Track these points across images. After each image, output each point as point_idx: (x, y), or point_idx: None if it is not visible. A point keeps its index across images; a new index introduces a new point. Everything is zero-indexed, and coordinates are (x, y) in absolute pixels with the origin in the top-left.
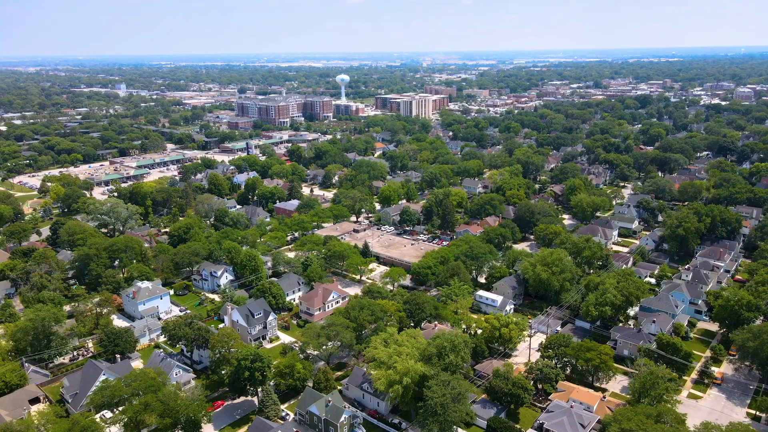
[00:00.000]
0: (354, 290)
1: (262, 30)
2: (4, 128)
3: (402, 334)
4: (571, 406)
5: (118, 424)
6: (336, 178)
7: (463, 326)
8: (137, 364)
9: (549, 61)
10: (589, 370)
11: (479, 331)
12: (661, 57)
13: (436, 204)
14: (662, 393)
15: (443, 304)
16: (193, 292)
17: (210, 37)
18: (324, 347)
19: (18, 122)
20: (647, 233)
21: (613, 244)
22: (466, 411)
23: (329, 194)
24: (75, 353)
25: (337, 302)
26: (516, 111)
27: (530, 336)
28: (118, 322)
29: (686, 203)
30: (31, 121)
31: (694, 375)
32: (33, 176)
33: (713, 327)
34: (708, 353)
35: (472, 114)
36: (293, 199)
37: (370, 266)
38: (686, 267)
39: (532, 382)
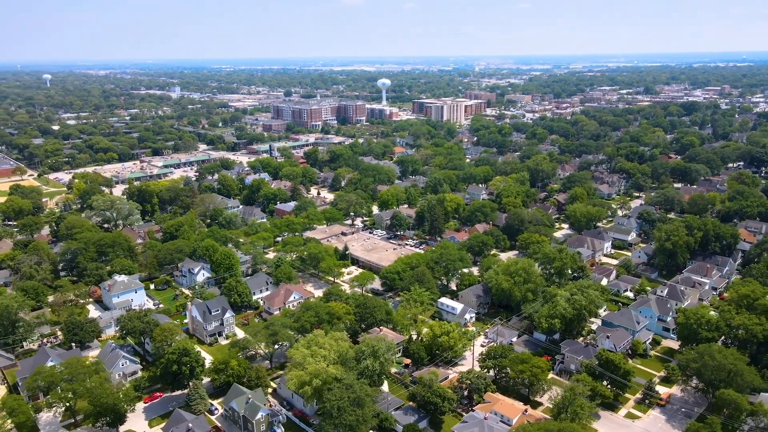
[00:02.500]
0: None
1: (320, 35)
2: (56, 127)
3: (327, 336)
4: (485, 418)
5: (52, 409)
6: (344, 181)
7: (413, 333)
8: (95, 353)
9: (607, 66)
10: (523, 382)
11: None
12: (730, 61)
13: (428, 209)
14: (577, 410)
15: (401, 309)
16: (172, 288)
17: (272, 43)
18: (263, 345)
19: (72, 122)
20: (643, 246)
21: (604, 255)
22: (364, 415)
23: (332, 197)
24: (44, 340)
25: (299, 303)
26: (550, 117)
27: (484, 345)
28: (95, 312)
29: (679, 215)
30: (84, 121)
31: (639, 395)
32: (69, 173)
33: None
34: (663, 372)
35: (506, 120)
36: (295, 201)
37: (349, 269)
38: (665, 282)
39: (466, 392)
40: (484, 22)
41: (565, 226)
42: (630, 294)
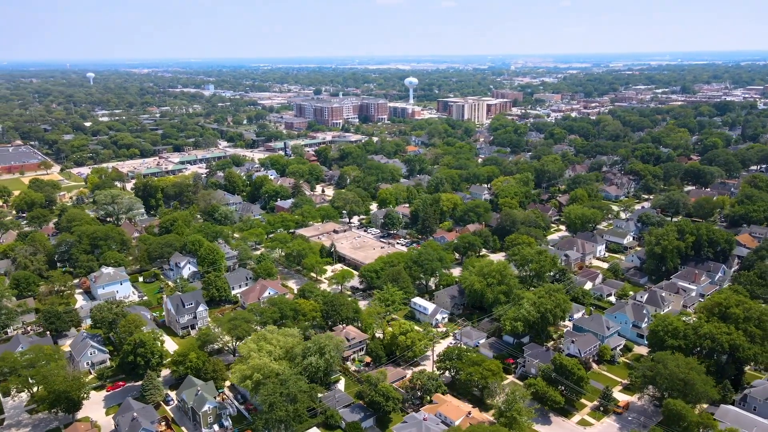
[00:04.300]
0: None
1: (358, 34)
2: (88, 124)
3: (279, 332)
4: (425, 419)
5: (14, 393)
6: (350, 179)
7: (378, 331)
8: (70, 341)
9: (649, 64)
10: (476, 384)
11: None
12: None
13: (422, 209)
14: (514, 414)
15: (369, 308)
16: (160, 281)
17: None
18: (226, 338)
19: (105, 119)
20: (639, 249)
21: (597, 258)
22: (296, 411)
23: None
24: (28, 328)
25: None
26: (573, 117)
27: (454, 344)
28: (83, 303)
29: (686, 218)
30: (116, 118)
31: (596, 401)
32: (91, 168)
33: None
34: (627, 380)
35: (529, 119)
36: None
37: (335, 266)
38: (646, 288)
39: (419, 392)
40: (523, 21)
41: (563, 227)
42: (613, 299)
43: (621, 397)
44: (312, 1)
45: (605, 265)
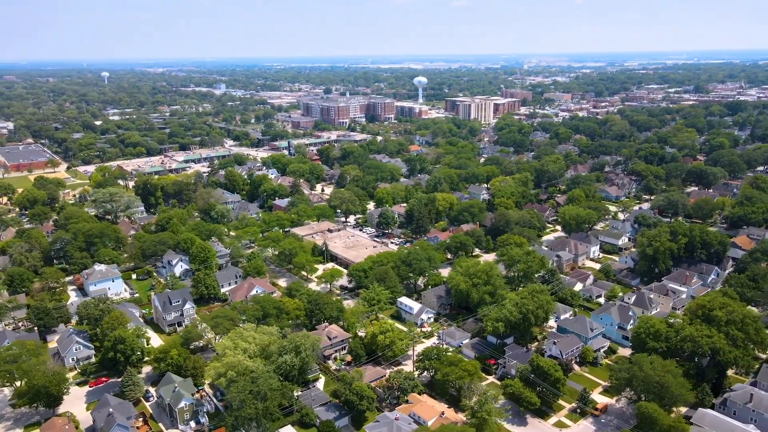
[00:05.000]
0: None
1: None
2: (98, 123)
3: (257, 330)
4: (396, 419)
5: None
6: (350, 178)
7: (361, 330)
8: (58, 337)
9: (665, 63)
10: (452, 384)
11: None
12: None
13: (417, 208)
14: (483, 415)
15: (353, 307)
16: (153, 278)
17: (326, 41)
18: (208, 335)
19: (116, 118)
20: (634, 250)
21: (590, 259)
22: (266, 408)
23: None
24: (18, 323)
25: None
26: (580, 117)
27: (437, 344)
28: (76, 299)
29: (686, 220)
30: (126, 117)
31: (574, 403)
32: (98, 166)
33: None
34: (607, 382)
35: (536, 119)
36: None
37: (327, 265)
38: (634, 289)
39: (397, 392)
40: (537, 20)
41: (559, 228)
42: (603, 300)
43: (601, 400)
44: (327, 0)
45: (599, 266)
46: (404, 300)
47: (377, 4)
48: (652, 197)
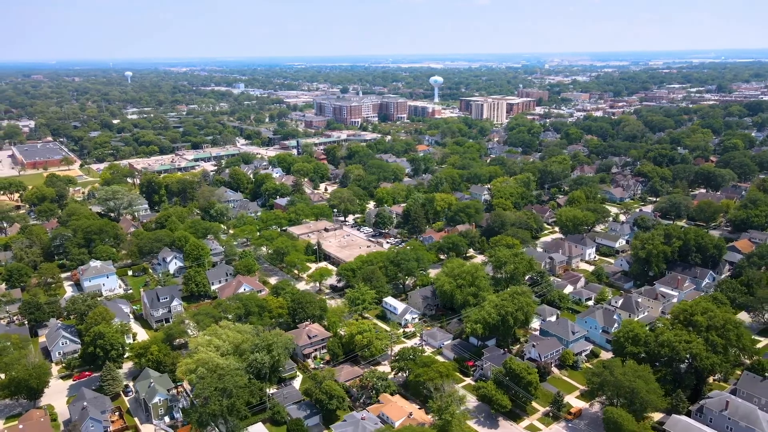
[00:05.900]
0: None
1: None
2: (116, 121)
3: (232, 328)
4: (363, 418)
5: None
6: (353, 178)
7: (342, 330)
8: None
9: (691, 62)
10: (424, 385)
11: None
12: None
13: (413, 208)
14: (448, 417)
15: (336, 307)
16: (147, 275)
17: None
18: (189, 332)
19: (134, 117)
20: (630, 253)
21: (585, 262)
22: (232, 405)
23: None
24: (12, 317)
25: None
26: (594, 117)
27: (419, 344)
28: (72, 294)
29: (690, 222)
30: (144, 116)
31: (548, 407)
32: (109, 164)
33: None
34: (585, 386)
35: (550, 119)
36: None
37: (319, 264)
38: (622, 293)
39: (373, 392)
40: (560, 18)
41: (557, 229)
42: (593, 303)
43: (577, 404)
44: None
45: (592, 269)
46: (389, 300)
47: (400, 3)
48: (658, 199)
